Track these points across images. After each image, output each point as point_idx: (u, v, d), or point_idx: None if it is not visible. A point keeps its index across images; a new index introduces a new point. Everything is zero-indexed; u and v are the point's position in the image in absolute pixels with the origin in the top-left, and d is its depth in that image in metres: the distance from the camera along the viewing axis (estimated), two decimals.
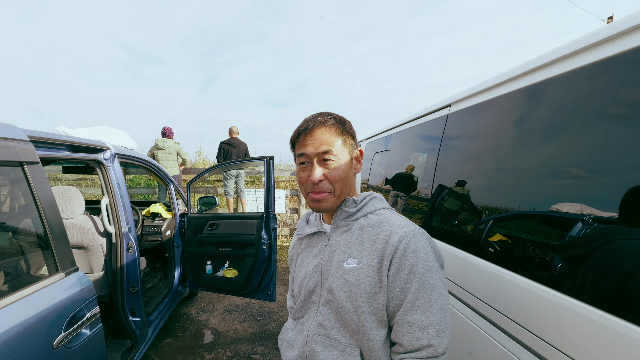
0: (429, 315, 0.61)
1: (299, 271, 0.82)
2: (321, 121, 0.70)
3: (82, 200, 1.82)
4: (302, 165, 0.73)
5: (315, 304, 0.75)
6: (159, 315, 2.16)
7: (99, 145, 1.62)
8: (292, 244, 0.92)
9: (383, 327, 0.66)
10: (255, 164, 2.46)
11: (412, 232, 0.65)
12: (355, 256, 0.69)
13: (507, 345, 0.90)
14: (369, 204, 0.75)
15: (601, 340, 0.64)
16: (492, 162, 1.11)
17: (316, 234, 0.81)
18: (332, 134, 0.70)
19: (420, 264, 0.62)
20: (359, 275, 0.67)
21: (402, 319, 0.63)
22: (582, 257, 0.72)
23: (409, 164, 1.92)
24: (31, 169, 1.05)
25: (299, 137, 0.72)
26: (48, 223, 1.07)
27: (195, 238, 2.37)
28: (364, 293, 0.65)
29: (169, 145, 4.90)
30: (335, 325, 0.70)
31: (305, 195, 0.74)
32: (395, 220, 0.69)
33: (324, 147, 0.69)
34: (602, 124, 0.72)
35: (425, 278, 0.62)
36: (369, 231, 0.70)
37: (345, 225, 0.74)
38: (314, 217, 0.85)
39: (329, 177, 0.70)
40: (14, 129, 1.04)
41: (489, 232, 1.06)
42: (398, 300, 0.64)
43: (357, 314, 0.66)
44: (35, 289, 0.99)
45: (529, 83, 0.96)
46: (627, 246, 0.63)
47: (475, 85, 1.27)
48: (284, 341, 0.81)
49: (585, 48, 0.77)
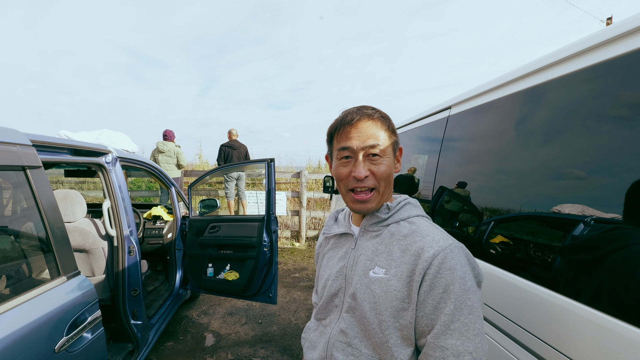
0: (465, 341, 0.55)
1: (323, 271, 0.79)
2: (367, 114, 0.66)
3: (84, 204, 1.82)
4: (343, 160, 0.68)
5: (338, 308, 0.72)
6: (160, 319, 2.16)
7: (101, 149, 1.63)
8: (318, 242, 0.88)
9: (409, 346, 0.61)
10: (256, 166, 2.46)
11: (449, 246, 0.59)
12: (383, 266, 0.64)
13: (510, 348, 0.90)
14: (402, 210, 0.70)
15: (607, 345, 0.64)
16: (492, 164, 1.11)
17: (344, 235, 0.77)
18: (379, 128, 0.66)
19: (457, 283, 0.56)
20: (386, 287, 0.62)
21: (435, 342, 0.56)
22: (594, 262, 0.69)
23: (411, 166, 1.92)
24: (34, 173, 1.05)
25: (340, 129, 0.67)
26: (50, 227, 1.08)
27: (196, 241, 2.37)
28: (390, 307, 0.61)
29: (169, 148, 4.92)
30: (358, 335, 0.66)
31: (345, 193, 0.69)
32: (430, 232, 0.63)
33: (371, 141, 0.64)
34: (602, 125, 0.72)
35: (463, 299, 0.56)
36: (400, 240, 0.65)
37: (375, 230, 0.70)
38: (343, 216, 0.81)
39: (375, 173, 0.65)
40: (16, 133, 1.04)
41: (490, 234, 1.06)
42: (429, 320, 0.58)
43: (381, 328, 0.61)
44: (38, 292, 0.99)
45: (528, 86, 0.96)
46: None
47: (474, 88, 1.27)
48: (307, 341, 0.79)
49: (585, 50, 0.78)
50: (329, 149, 0.74)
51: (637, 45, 0.65)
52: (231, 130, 5.28)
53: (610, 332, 0.63)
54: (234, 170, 5.07)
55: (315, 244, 0.98)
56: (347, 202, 0.70)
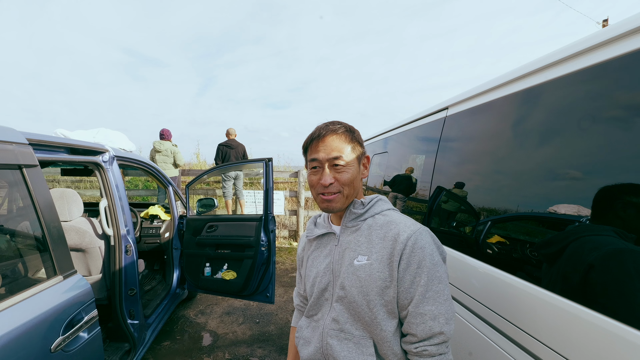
0: (438, 306, 0.67)
1: (310, 271, 0.85)
2: (332, 129, 0.76)
3: (80, 203, 1.81)
4: (313, 170, 0.78)
5: (329, 301, 0.79)
6: (157, 318, 2.15)
7: (98, 148, 1.62)
8: (301, 246, 0.96)
9: (393, 318, 0.71)
10: (254, 165, 2.46)
11: (418, 230, 0.71)
12: (365, 253, 0.74)
13: (505, 347, 0.90)
14: (375, 206, 0.80)
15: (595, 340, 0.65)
16: (488, 164, 1.12)
17: (326, 235, 0.86)
18: (343, 141, 0.76)
19: (427, 259, 0.68)
20: (370, 270, 0.71)
21: (415, 310, 0.68)
22: (556, 254, 0.77)
23: (408, 166, 1.93)
24: (30, 172, 1.05)
25: (311, 143, 0.78)
26: (46, 226, 1.07)
27: (193, 240, 2.37)
28: (375, 287, 0.70)
29: (166, 148, 4.90)
30: (348, 320, 0.74)
31: (316, 196, 0.79)
32: (402, 220, 0.74)
33: (334, 153, 0.74)
34: (598, 126, 0.73)
35: (433, 272, 0.68)
36: (378, 230, 0.75)
37: (354, 225, 0.79)
38: (322, 219, 0.89)
39: (338, 179, 0.75)
40: (12, 132, 1.04)
41: (486, 234, 1.07)
42: (408, 293, 0.69)
43: (370, 307, 0.71)
44: (34, 292, 0.98)
45: (523, 87, 0.97)
46: (594, 241, 0.69)
47: (471, 89, 1.28)
48: (301, 339, 0.84)
49: (581, 52, 0.78)
50: (305, 159, 0.84)
51: (632, 47, 0.66)
52: (229, 129, 5.27)
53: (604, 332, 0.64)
54: (232, 170, 5.07)
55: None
56: (318, 204, 0.81)
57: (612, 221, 0.67)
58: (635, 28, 0.66)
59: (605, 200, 0.69)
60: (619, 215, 0.65)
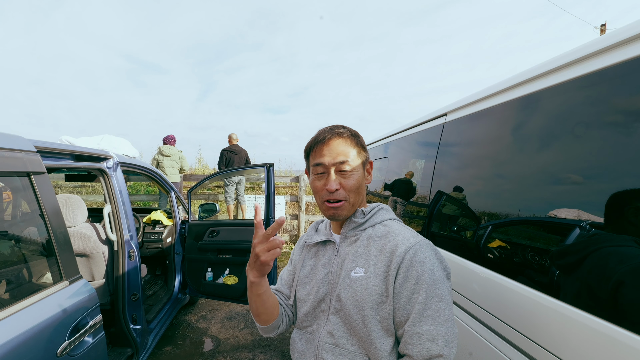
0: (438, 326, 0.61)
1: (306, 277, 0.82)
2: (337, 132, 0.73)
3: (84, 209, 1.84)
4: (317, 175, 0.75)
5: (325, 312, 0.76)
6: (159, 323, 2.16)
7: (102, 154, 1.65)
8: (297, 247, 0.92)
9: (389, 337, 0.67)
10: (256, 170, 2.48)
11: (418, 242, 0.67)
12: (363, 265, 0.70)
13: (507, 352, 0.91)
14: (376, 215, 0.77)
15: (596, 345, 0.66)
16: (486, 169, 1.14)
17: (325, 243, 0.82)
18: (348, 145, 0.73)
19: (427, 274, 0.63)
20: (366, 283, 0.68)
21: (411, 329, 0.63)
22: (575, 265, 0.73)
23: (408, 171, 1.95)
24: (38, 179, 1.07)
25: (315, 147, 0.74)
26: (53, 232, 1.09)
27: (195, 245, 2.38)
28: (370, 301, 0.66)
29: (174, 153, 4.95)
30: (344, 334, 0.71)
31: (321, 203, 0.75)
32: (402, 231, 0.71)
33: (340, 158, 0.71)
34: (596, 132, 0.75)
35: (433, 288, 0.63)
36: (376, 241, 0.72)
37: (354, 235, 0.76)
38: (324, 226, 0.86)
39: (344, 186, 0.72)
40: (21, 140, 1.07)
41: (487, 239, 1.08)
42: (405, 310, 0.64)
43: (364, 323, 0.67)
44: (41, 297, 1.00)
45: (521, 94, 0.99)
46: (618, 253, 0.65)
47: (469, 96, 1.31)
48: (295, 352, 0.80)
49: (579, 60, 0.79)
50: (306, 164, 0.81)
51: (631, 54, 0.67)
52: (231, 135, 5.30)
53: (604, 337, 0.64)
54: (234, 175, 5.09)
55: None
56: (322, 211, 0.77)
57: (626, 229, 0.64)
58: (632, 36, 0.67)
59: (617, 206, 0.67)
60: (632, 222, 0.63)
